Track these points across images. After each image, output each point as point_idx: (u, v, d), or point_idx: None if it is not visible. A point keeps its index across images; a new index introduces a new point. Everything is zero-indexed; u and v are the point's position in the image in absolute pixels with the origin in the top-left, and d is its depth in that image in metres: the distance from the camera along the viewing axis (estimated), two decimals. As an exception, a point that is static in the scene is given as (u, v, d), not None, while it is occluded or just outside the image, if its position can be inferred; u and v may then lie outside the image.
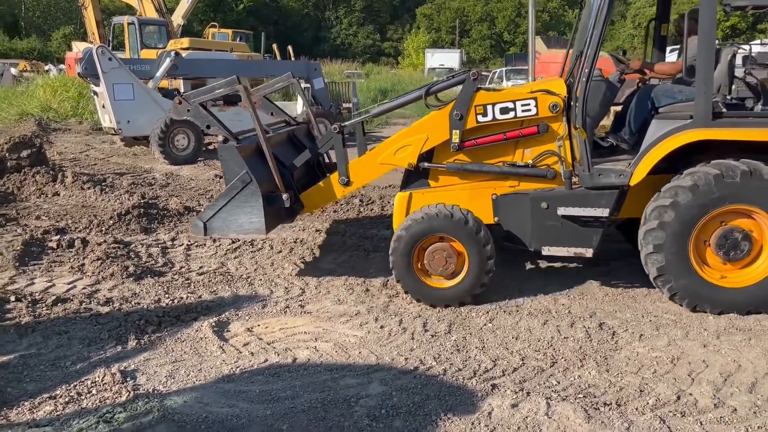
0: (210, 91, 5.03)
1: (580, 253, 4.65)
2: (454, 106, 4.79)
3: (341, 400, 3.28)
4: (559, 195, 4.64)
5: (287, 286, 5.14)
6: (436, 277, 4.67)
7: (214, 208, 4.92)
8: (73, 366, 3.77)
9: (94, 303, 4.72)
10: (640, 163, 4.38)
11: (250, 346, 4.04)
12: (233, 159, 4.79)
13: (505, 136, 4.77)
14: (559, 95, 4.66)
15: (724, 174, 4.21)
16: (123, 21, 16.92)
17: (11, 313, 4.49)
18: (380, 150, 5.09)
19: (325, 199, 5.36)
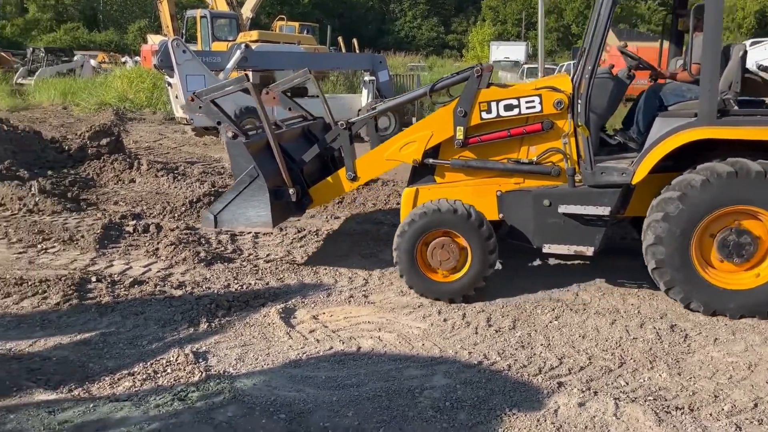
0: (220, 89, 5.15)
1: (580, 251, 4.58)
2: (458, 102, 4.79)
3: (405, 390, 3.30)
4: (562, 192, 4.60)
5: (351, 276, 5.21)
6: (439, 271, 4.68)
7: (224, 202, 5.04)
8: (149, 345, 3.94)
9: (168, 286, 4.92)
10: (643, 162, 4.30)
11: (316, 333, 4.13)
12: (241, 154, 4.90)
13: (509, 133, 4.74)
14: (564, 92, 4.59)
15: (738, 173, 4.06)
16: (196, 14, 17.44)
17: (92, 293, 4.73)
18: (387, 146, 5.13)
19: (333, 193, 5.46)
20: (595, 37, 4.38)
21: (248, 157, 4.88)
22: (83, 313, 4.39)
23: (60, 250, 5.74)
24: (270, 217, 4.92)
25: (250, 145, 4.93)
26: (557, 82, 4.74)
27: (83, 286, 4.81)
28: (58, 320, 4.28)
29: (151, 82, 16.61)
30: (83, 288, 4.79)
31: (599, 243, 4.57)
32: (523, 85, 5.03)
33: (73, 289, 4.69)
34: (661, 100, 4.86)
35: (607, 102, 4.77)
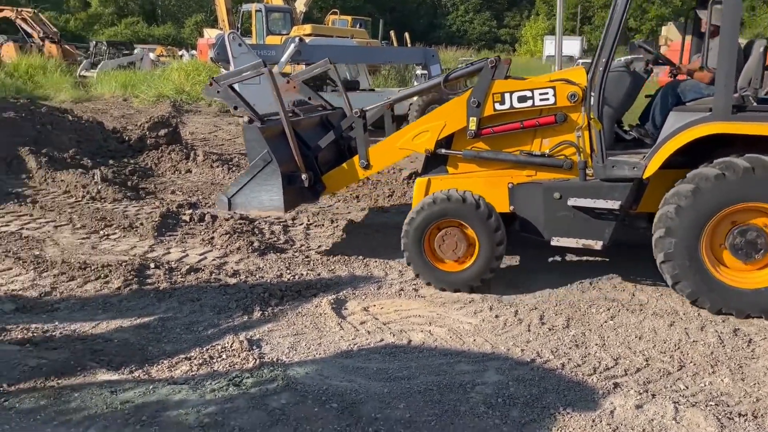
0: (237, 74, 5.23)
1: (589, 245, 4.54)
2: (472, 93, 4.78)
3: (457, 385, 3.29)
4: (572, 186, 4.58)
5: (401, 270, 5.20)
6: (446, 260, 4.70)
7: (238, 185, 5.12)
8: (205, 331, 4.04)
9: (222, 274, 5.02)
10: (655, 156, 4.24)
11: (367, 324, 4.15)
12: (256, 139, 4.98)
13: (522, 124, 4.72)
14: (579, 85, 4.55)
15: (755, 169, 3.95)
16: (251, 8, 17.72)
17: (151, 279, 4.88)
18: (400, 135, 5.16)
19: (346, 180, 5.53)
20: (610, 30, 4.31)
21: (262, 141, 4.95)
22: (142, 298, 4.53)
23: (120, 237, 5.94)
24: (282, 201, 4.99)
25: (264, 130, 5.00)
26: (572, 75, 4.71)
27: (142, 272, 4.96)
28: (119, 304, 4.43)
29: (207, 75, 16.96)
30: (142, 274, 4.94)
31: (609, 237, 4.53)
32: (538, 78, 4.98)
33: (133, 275, 4.85)
34: (679, 96, 4.79)
35: (623, 96, 4.73)
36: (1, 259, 5.13)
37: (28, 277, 4.82)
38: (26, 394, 3.12)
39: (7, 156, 8.00)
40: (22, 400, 3.06)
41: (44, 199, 7.07)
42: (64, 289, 4.63)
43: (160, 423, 2.89)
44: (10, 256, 5.20)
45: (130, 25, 46.83)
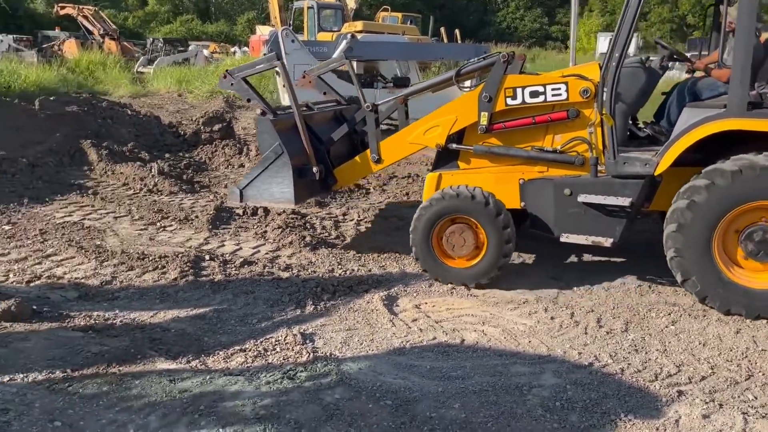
0: (251, 67, 5.26)
1: (598, 242, 4.51)
2: (484, 88, 4.74)
3: (513, 387, 3.23)
4: (583, 182, 4.54)
5: (454, 268, 5.15)
6: (455, 257, 4.71)
7: (250, 177, 5.15)
8: (258, 324, 4.08)
9: (275, 268, 5.07)
10: (667, 153, 4.19)
11: (419, 322, 4.11)
12: (268, 131, 5.01)
13: (534, 120, 4.68)
14: (592, 80, 4.48)
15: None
16: (303, 5, 17.88)
17: (206, 271, 4.96)
18: (411, 129, 5.16)
19: (357, 174, 5.58)
20: (624, 25, 4.25)
21: (274, 134, 4.99)
22: (198, 289, 4.61)
23: (177, 229, 6.06)
24: (293, 194, 5.02)
25: (276, 123, 5.03)
26: (585, 70, 4.64)
27: (198, 264, 5.06)
28: (175, 294, 4.52)
29: (259, 72, 17.18)
30: (198, 265, 5.03)
31: (619, 235, 4.48)
32: (551, 73, 4.92)
33: (189, 266, 4.94)
34: (695, 94, 4.71)
35: (637, 92, 4.64)
36: (65, 248, 5.30)
37: (90, 266, 4.97)
38: (89, 379, 3.21)
39: (71, 148, 8.28)
40: (85, 385, 3.15)
41: (104, 190, 7.29)
42: (124, 279, 4.76)
43: (217, 413, 2.93)
44: (73, 245, 5.36)
45: (184, 22, 47.79)
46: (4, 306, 3.85)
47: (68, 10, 25.28)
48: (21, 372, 3.25)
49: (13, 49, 18.43)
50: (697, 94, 4.73)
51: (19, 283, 4.55)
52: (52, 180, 7.35)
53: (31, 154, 7.73)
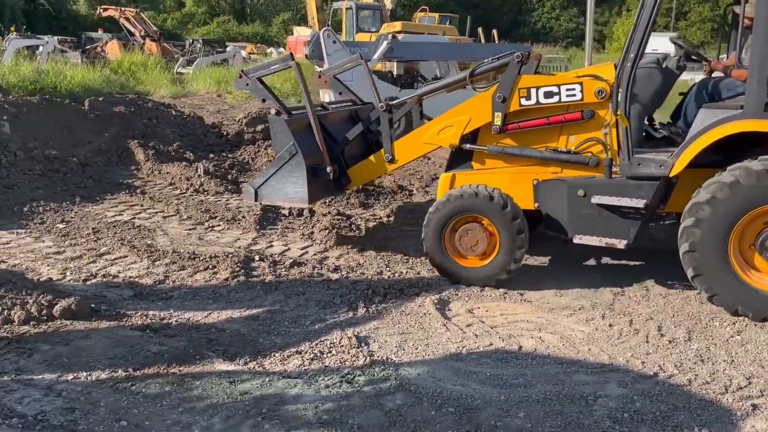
0: (266, 67, 5.31)
1: (612, 243, 4.46)
2: (498, 88, 4.73)
3: (577, 396, 3.15)
4: (597, 183, 4.52)
5: (504, 272, 5.07)
6: (467, 256, 4.71)
7: (265, 176, 5.17)
8: (312, 325, 4.07)
9: (324, 269, 5.06)
10: (682, 154, 4.14)
11: (473, 327, 4.05)
12: (282, 131, 5.04)
13: (548, 120, 4.66)
14: (607, 81, 4.47)
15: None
16: (342, 6, 17.93)
17: (256, 272, 4.97)
18: (425, 129, 5.17)
19: (371, 174, 5.60)
20: (639, 24, 4.22)
21: (288, 134, 5.00)
22: (250, 290, 4.62)
23: (225, 229, 6.10)
24: (307, 193, 5.04)
25: (291, 123, 5.05)
26: (600, 71, 4.63)
27: (248, 264, 5.07)
28: (227, 295, 4.54)
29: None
30: (248, 266, 5.04)
31: (633, 237, 4.44)
32: (565, 73, 4.95)
33: (239, 267, 4.96)
34: (713, 94, 4.65)
35: (653, 93, 4.55)
36: (118, 246, 5.38)
37: (142, 265, 5.03)
38: (151, 379, 3.23)
39: (119, 148, 8.42)
40: (148, 385, 3.17)
41: (152, 190, 7.39)
42: (176, 278, 4.80)
43: (280, 416, 2.92)
44: (125, 244, 5.44)
45: (221, 23, 48.43)
46: (64, 304, 3.91)
47: (110, 12, 25.83)
48: (84, 370, 3.29)
49: (58, 51, 18.85)
50: (715, 94, 4.66)
51: (76, 281, 4.62)
52: (102, 179, 7.48)
53: (81, 154, 7.88)
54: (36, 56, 16.70)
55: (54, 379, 3.20)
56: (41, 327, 3.78)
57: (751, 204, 3.91)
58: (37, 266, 4.87)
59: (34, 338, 3.62)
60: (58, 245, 5.36)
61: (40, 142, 7.58)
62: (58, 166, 7.23)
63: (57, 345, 3.55)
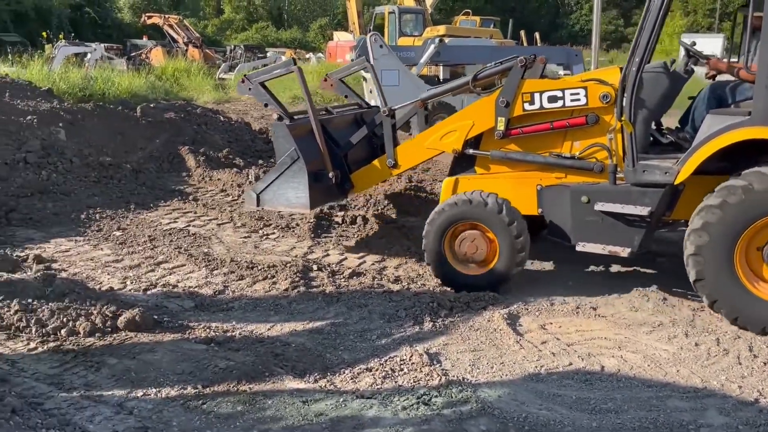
0: (268, 72, 5.27)
1: (615, 251, 4.38)
2: (501, 92, 4.67)
3: (677, 425, 2.92)
4: (601, 189, 4.44)
5: (573, 284, 4.85)
6: (465, 263, 4.66)
7: (266, 181, 5.16)
8: (378, 340, 3.92)
9: (384, 280, 4.91)
10: (688, 162, 4.06)
11: (549, 345, 3.85)
12: (284, 136, 5.02)
13: (552, 125, 4.59)
14: (612, 85, 4.38)
15: None
16: (384, 10, 17.83)
17: (315, 282, 4.85)
18: (428, 134, 5.13)
19: (374, 179, 5.54)
20: (645, 27, 4.15)
21: (290, 139, 4.98)
22: (311, 301, 4.50)
23: (279, 237, 6.01)
24: (308, 199, 5.01)
25: (292, 128, 5.02)
26: (605, 75, 4.56)
27: (307, 274, 4.96)
28: (289, 306, 4.42)
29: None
30: (307, 276, 4.93)
31: (638, 245, 4.36)
32: (570, 78, 4.90)
33: (299, 276, 4.85)
34: (721, 98, 4.54)
35: (659, 98, 4.44)
36: (175, 255, 5.32)
37: (201, 274, 4.96)
38: (222, 397, 3.12)
39: (170, 154, 8.43)
40: (219, 403, 3.06)
41: (204, 196, 7.35)
42: (236, 288, 4.71)
43: (360, 441, 2.77)
44: (182, 252, 5.38)
45: (260, 29, 48.93)
46: (128, 316, 3.83)
47: (155, 20, 26.26)
48: (153, 386, 3.20)
49: (104, 58, 19.20)
50: (724, 99, 4.53)
51: (137, 291, 4.56)
52: (154, 185, 7.48)
53: (134, 160, 7.89)
54: (84, 63, 17.01)
55: (124, 396, 3.11)
56: (106, 339, 3.71)
57: (762, 211, 3.78)
58: (97, 275, 4.84)
59: (101, 351, 3.55)
60: (116, 253, 5.33)
61: (95, 149, 7.62)
62: (113, 173, 7.25)
63: (124, 359, 3.47)
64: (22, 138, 6.93)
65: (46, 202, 6.18)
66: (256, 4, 55.77)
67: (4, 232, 5.59)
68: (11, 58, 15.22)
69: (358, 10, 19.72)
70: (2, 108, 7.37)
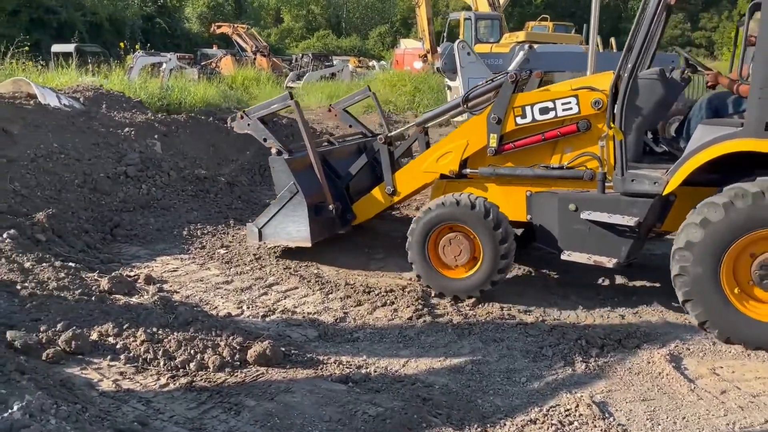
0: (266, 107, 5.30)
1: (600, 262, 4.30)
2: (492, 109, 4.66)
3: None
4: (588, 198, 4.39)
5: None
6: (449, 266, 4.62)
7: (267, 216, 5.20)
8: (529, 383, 3.51)
9: (514, 310, 4.50)
10: (677, 172, 3.99)
11: (731, 396, 3.35)
12: (283, 170, 5.06)
13: (544, 136, 4.56)
14: (604, 91, 4.32)
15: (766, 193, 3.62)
16: (459, 17, 17.43)
17: (438, 310, 4.49)
18: (423, 158, 5.09)
19: (375, 208, 5.44)
20: (639, 33, 4.08)
21: (289, 173, 5.02)
22: (440, 333, 4.13)
23: (386, 257, 5.64)
24: (309, 232, 5.03)
25: (291, 162, 5.08)
26: (597, 81, 4.51)
27: (428, 301, 4.62)
28: (417, 338, 4.06)
29: (413, 86, 16.95)
30: (428, 302, 4.58)
31: (624, 256, 4.26)
32: (559, 86, 4.81)
33: (421, 304, 4.50)
34: (718, 109, 4.49)
35: (654, 105, 4.29)
36: (286, 276, 5.05)
37: (316, 298, 4.66)
38: (383, 454, 2.76)
39: (261, 166, 8.24)
40: (382, 462, 2.70)
41: (298, 211, 7.08)
42: (356, 316, 4.38)
43: None
44: (293, 273, 5.10)
45: (321, 38, 49.32)
46: (258, 349, 3.54)
47: (224, 29, 26.62)
48: (303, 437, 2.87)
49: (177, 67, 19.45)
50: (721, 109, 4.47)
51: (255, 318, 4.28)
52: (249, 199, 7.27)
53: (227, 173, 7.72)
54: (160, 73, 17.24)
55: (274, 448, 2.79)
56: (237, 374, 3.42)
57: (745, 228, 3.69)
58: (210, 298, 4.59)
59: (236, 390, 3.25)
60: (224, 273, 5.08)
61: (189, 161, 7.48)
62: (209, 186, 7.06)
63: (262, 400, 3.17)
64: (122, 150, 6.82)
65: (149, 218, 6.03)
66: (315, 13, 56.33)
67: (111, 249, 5.44)
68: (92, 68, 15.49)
69: (428, 16, 19.37)
70: (101, 120, 7.31)
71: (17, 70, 13.18)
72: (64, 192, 5.81)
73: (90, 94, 8.21)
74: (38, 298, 3.87)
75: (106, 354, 3.47)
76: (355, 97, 6.58)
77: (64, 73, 13.72)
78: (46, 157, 6.03)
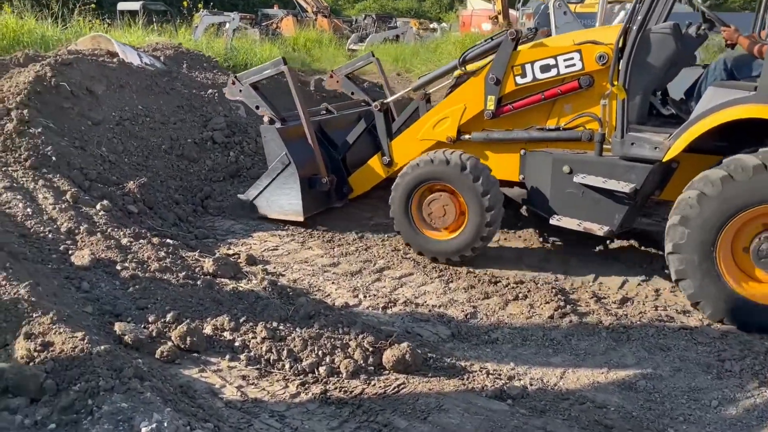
0: (258, 73, 5.00)
1: (590, 229, 4.07)
2: (490, 69, 4.40)
3: None
4: (584, 160, 4.13)
5: None
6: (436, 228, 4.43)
7: (259, 188, 4.93)
8: (723, 408, 2.92)
9: (670, 310, 3.87)
10: (681, 137, 3.71)
11: None
12: (274, 140, 4.79)
13: (543, 95, 4.32)
14: (609, 45, 4.04)
15: None
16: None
17: (581, 307, 3.93)
18: (419, 125, 4.84)
19: (371, 181, 5.17)
20: None
21: (281, 143, 4.76)
22: (592, 337, 3.54)
23: (500, 238, 5.04)
24: (301, 206, 4.80)
25: (283, 131, 4.81)
26: (600, 35, 4.30)
27: (567, 296, 4.03)
28: (566, 342, 3.49)
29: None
30: (569, 299, 4.01)
31: (617, 224, 4.02)
32: (561, 40, 4.54)
33: (562, 300, 3.91)
34: (733, 71, 4.12)
35: (664, 63, 3.92)
36: (397, 260, 4.51)
37: (436, 287, 4.12)
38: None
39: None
40: None
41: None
42: (487, 311, 3.82)
43: None
44: (404, 257, 4.55)
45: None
46: (396, 353, 3.02)
47: (285, -12, 25.94)
48: (476, 474, 2.34)
49: (240, 27, 18.96)
50: (736, 71, 4.10)
51: (375, 309, 3.76)
52: (338, 169, 6.73)
53: (312, 140, 7.18)
54: (223, 33, 16.78)
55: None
56: (374, 383, 2.92)
57: (744, 203, 3.42)
58: (320, 283, 4.09)
59: (379, 405, 2.74)
60: (329, 254, 4.57)
61: (274, 127, 6.95)
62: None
63: (414, 420, 2.65)
64: (207, 114, 6.36)
65: (238, 188, 5.56)
66: (369, -27, 54.98)
67: (203, 223, 5.00)
68: (156, 27, 15.13)
69: (501, -24, 18.27)
70: (183, 80, 6.85)
71: (84, 27, 12.93)
72: (151, 158, 5.39)
73: (170, 52, 7.76)
74: (141, 281, 3.44)
75: (223, 352, 3.02)
76: (357, 63, 6.30)
77: (131, 32, 13.41)
78: (132, 120, 5.60)
